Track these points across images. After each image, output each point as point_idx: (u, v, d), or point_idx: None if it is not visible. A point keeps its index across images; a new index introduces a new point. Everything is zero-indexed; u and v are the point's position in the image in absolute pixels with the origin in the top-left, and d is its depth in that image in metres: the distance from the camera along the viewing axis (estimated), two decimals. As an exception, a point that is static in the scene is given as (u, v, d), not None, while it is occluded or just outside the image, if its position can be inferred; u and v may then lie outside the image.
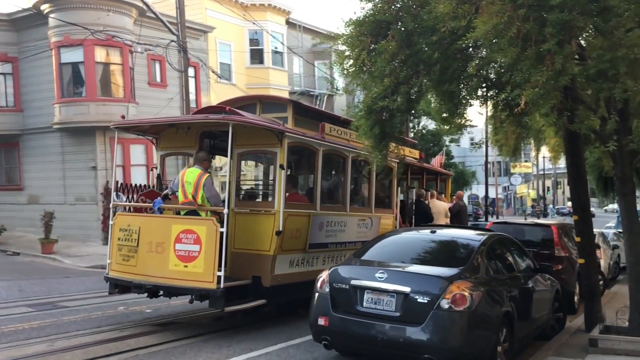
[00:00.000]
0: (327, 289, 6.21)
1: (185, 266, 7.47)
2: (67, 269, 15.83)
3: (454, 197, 16.22)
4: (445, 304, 5.53)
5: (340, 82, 27.18)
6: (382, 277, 5.90)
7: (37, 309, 9.53)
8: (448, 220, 13.67)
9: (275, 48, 28.43)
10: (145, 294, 8.18)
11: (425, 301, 5.60)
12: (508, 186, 65.73)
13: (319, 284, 6.38)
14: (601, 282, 11.33)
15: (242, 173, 9.62)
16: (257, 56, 28.01)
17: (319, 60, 31.76)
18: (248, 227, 8.22)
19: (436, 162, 18.51)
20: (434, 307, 5.54)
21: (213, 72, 22.20)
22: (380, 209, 11.29)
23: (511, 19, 5.56)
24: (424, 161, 15.23)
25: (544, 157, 48.27)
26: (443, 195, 15.44)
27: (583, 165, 9.14)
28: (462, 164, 49.81)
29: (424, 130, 38.97)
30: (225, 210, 7.52)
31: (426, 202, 13.37)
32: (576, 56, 6.01)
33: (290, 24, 29.90)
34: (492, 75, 7.24)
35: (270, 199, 9.17)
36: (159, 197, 8.43)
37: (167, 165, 10.12)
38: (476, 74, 6.82)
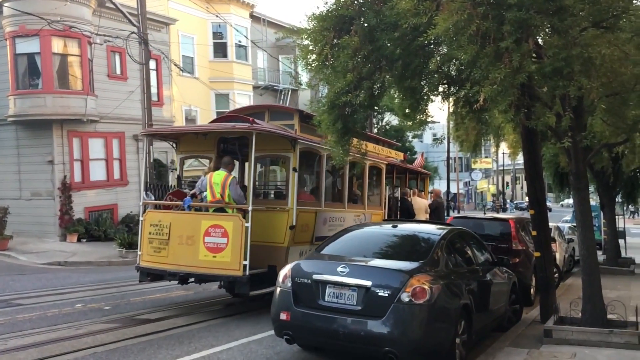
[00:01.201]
0: (289, 284, 6.19)
1: (214, 256, 8.40)
2: (22, 266, 15.38)
3: (432, 194, 16.89)
4: (405, 297, 5.59)
5: (304, 76, 27.15)
6: (343, 272, 5.92)
7: (-11, 307, 9.24)
8: (428, 216, 14.52)
9: (239, 42, 28.12)
10: (177, 281, 9.31)
11: (386, 295, 5.65)
12: (469, 181, 66.99)
13: (281, 279, 6.35)
14: (556, 275, 11.69)
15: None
16: (220, 50, 27.66)
17: (283, 55, 31.60)
18: (264, 222, 8.99)
19: (417, 163, 19.89)
20: (394, 301, 5.59)
21: (175, 65, 21.86)
22: (372, 206, 12.55)
23: (471, 16, 5.65)
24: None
25: (503, 153, 49.33)
26: (422, 192, 16.57)
27: (540, 162, 9.38)
28: (425, 159, 50.39)
29: (387, 126, 39.27)
30: (250, 208, 8.42)
31: (409, 199, 14.28)
32: (533, 54, 6.15)
33: (254, 17, 29.64)
34: (452, 72, 7.34)
35: (271, 197, 10.83)
36: (187, 197, 9.40)
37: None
38: (437, 71, 6.91)
